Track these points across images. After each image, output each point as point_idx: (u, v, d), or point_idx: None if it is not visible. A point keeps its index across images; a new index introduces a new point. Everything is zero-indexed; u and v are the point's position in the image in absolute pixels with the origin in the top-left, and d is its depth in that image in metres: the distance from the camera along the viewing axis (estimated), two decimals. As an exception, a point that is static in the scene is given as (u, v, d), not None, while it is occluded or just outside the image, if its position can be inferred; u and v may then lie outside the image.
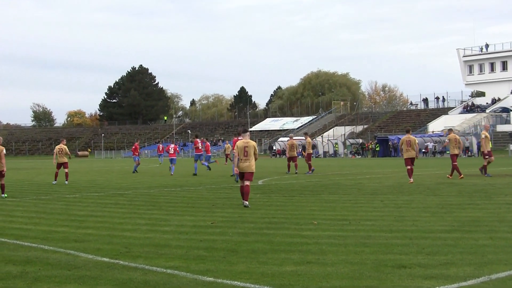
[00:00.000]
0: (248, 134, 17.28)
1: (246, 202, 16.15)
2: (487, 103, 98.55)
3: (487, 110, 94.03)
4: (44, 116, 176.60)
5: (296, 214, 14.31)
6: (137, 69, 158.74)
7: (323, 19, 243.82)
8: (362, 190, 20.87)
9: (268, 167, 42.73)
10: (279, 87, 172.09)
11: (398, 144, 74.75)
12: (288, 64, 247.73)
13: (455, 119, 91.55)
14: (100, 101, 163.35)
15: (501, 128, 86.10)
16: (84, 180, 31.19)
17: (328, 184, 24.48)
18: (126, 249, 9.94)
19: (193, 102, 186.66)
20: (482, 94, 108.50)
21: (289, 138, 36.66)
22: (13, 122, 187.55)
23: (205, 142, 37.05)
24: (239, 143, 16.80)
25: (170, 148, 36.44)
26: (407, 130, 25.81)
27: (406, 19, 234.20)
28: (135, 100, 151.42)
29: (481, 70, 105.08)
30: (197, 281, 7.67)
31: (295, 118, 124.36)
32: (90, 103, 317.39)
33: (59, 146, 28.13)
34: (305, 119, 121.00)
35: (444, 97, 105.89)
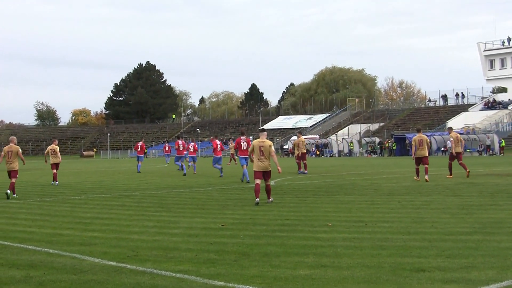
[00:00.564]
0: (265, 133, 17.98)
1: (270, 200, 17.42)
2: (509, 99, 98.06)
3: (509, 107, 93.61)
4: (48, 115, 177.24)
5: (310, 215, 14.29)
6: (144, 66, 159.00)
7: (338, 13, 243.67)
8: (379, 191, 20.83)
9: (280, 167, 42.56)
10: (292, 84, 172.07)
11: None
12: (301, 60, 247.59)
13: (476, 116, 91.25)
14: (106, 99, 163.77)
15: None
16: (89, 181, 31.29)
17: (343, 184, 24.44)
18: (134, 252, 9.96)
19: (202, 100, 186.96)
20: (504, 90, 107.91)
21: (296, 136, 36.73)
22: (16, 121, 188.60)
23: (191, 142, 37.64)
24: (255, 143, 17.50)
25: (191, 146, 36.84)
26: (418, 130, 26.75)
27: (424, 12, 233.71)
28: (142, 98, 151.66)
29: (502, 65, 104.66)
30: (207, 285, 7.68)
31: (308, 116, 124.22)
32: (96, 101, 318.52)
33: (51, 147, 28.77)
34: (318, 117, 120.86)
35: (464, 93, 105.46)
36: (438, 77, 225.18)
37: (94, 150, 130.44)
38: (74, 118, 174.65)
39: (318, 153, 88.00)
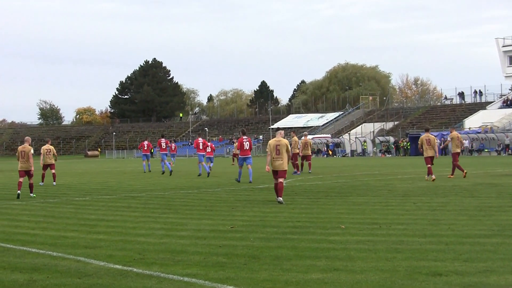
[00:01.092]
0: (281, 132, 18.66)
1: (280, 198, 17.67)
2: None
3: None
4: (51, 113, 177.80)
5: (322, 217, 14.29)
6: (150, 63, 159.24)
7: (350, 7, 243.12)
8: (393, 192, 20.80)
9: (290, 167, 42.58)
10: (303, 81, 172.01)
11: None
12: (312, 56, 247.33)
13: (494, 115, 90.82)
14: (111, 97, 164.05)
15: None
16: (94, 182, 31.37)
17: (356, 185, 24.41)
18: (140, 255, 9.97)
19: (210, 98, 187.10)
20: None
21: (303, 136, 36.83)
22: (18, 120, 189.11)
23: (171, 142, 38.27)
24: (272, 142, 18.09)
25: (208, 146, 37.21)
26: (426, 129, 27.78)
27: (441, 6, 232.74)
28: (149, 96, 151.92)
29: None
30: (216, 289, 7.69)
31: (320, 115, 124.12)
32: (100, 100, 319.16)
33: (46, 147, 29.37)
34: (330, 116, 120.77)
35: (481, 90, 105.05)
36: (454, 74, 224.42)
37: (99, 150, 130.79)
38: (78, 117, 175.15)
39: (330, 153, 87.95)
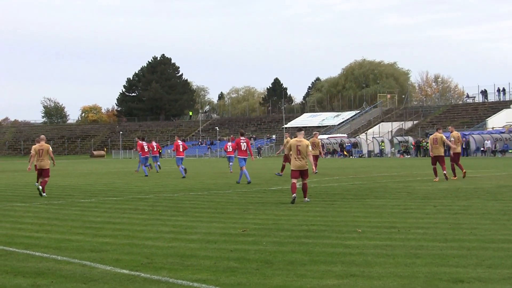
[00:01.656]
0: (302, 133, 19.39)
1: (306, 199, 18.79)
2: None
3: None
4: (56, 112, 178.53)
5: (338, 221, 14.27)
6: (158, 59, 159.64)
7: (367, 1, 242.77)
8: (413, 194, 20.75)
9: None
10: (318, 79, 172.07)
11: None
12: (327, 52, 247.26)
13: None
14: (117, 95, 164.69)
15: None
16: (100, 183, 31.45)
17: (373, 187, 24.37)
18: (148, 259, 9.99)
19: (221, 96, 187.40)
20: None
21: (313, 135, 36.94)
22: (21, 119, 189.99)
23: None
24: (292, 142, 18.90)
25: (228, 146, 38.60)
26: (437, 129, 28.48)
27: (462, 0, 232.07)
28: (157, 93, 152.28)
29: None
30: (227, 296, 7.70)
31: (336, 113, 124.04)
32: (107, 97, 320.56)
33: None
34: (347, 114, 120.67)
35: (505, 88, 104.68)
36: (477, 71, 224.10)
37: (105, 149, 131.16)
38: (83, 115, 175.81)
39: (345, 153, 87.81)
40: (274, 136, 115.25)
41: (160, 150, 47.93)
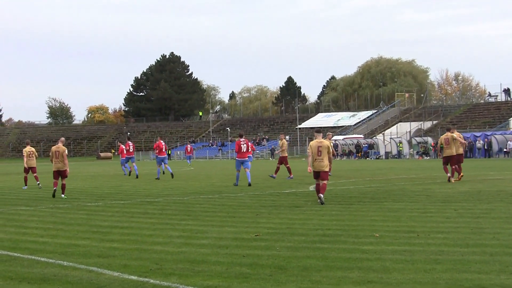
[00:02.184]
0: (321, 134, 20.06)
1: (321, 196, 19.18)
2: None
3: None
4: (61, 112, 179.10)
5: (354, 225, 14.26)
6: (167, 57, 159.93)
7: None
8: (432, 197, 20.70)
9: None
10: (333, 77, 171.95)
11: (476, 142, 74.00)
12: (343, 50, 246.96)
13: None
14: (125, 94, 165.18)
15: None
16: (107, 185, 31.53)
17: (391, 190, 24.33)
18: (157, 265, 10.01)
19: (232, 95, 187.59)
20: None
21: (326, 136, 37.06)
22: (26, 119, 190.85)
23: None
24: (313, 143, 19.44)
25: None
26: (448, 129, 29.09)
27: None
28: (166, 93, 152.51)
29: None
30: (239, 303, 7.70)
31: (352, 113, 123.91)
32: (114, 97, 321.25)
33: (28, 149, 30.24)
34: (363, 114, 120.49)
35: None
36: (499, 68, 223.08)
37: (112, 151, 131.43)
38: (90, 115, 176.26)
39: (359, 155, 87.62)
40: (288, 137, 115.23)
41: (169, 151, 48.24)
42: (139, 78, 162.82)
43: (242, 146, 28.58)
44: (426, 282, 8.50)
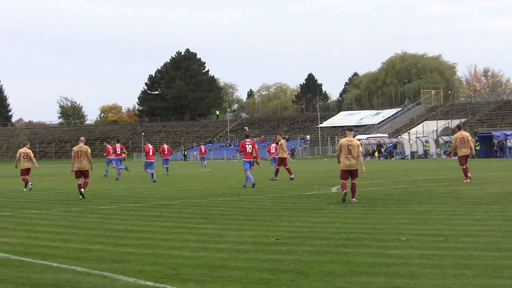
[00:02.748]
0: (352, 133, 20.99)
1: (354, 200, 20.17)
2: None
3: None
4: (73, 112, 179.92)
5: (379, 228, 14.23)
6: (183, 54, 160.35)
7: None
8: (461, 199, 20.63)
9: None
10: (355, 74, 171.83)
11: (500, 140, 73.58)
12: (365, 45, 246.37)
13: None
14: (139, 93, 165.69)
15: None
16: (121, 188, 31.61)
17: (418, 191, 24.26)
18: (174, 271, 10.03)
19: (250, 93, 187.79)
20: None
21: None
22: (36, 120, 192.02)
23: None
24: (343, 141, 20.36)
25: (272, 147, 41.41)
26: (459, 127, 29.87)
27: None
28: (181, 91, 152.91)
29: None
30: (260, 310, 7.71)
31: (376, 111, 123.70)
32: (127, 96, 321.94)
33: (23, 150, 30.70)
34: (387, 112, 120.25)
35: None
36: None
37: (126, 152, 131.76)
38: (102, 115, 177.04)
39: (376, 154, 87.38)
40: (308, 136, 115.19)
41: (185, 153, 48.76)
42: (154, 76, 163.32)
43: (247, 146, 29.21)
44: (455, 287, 8.47)
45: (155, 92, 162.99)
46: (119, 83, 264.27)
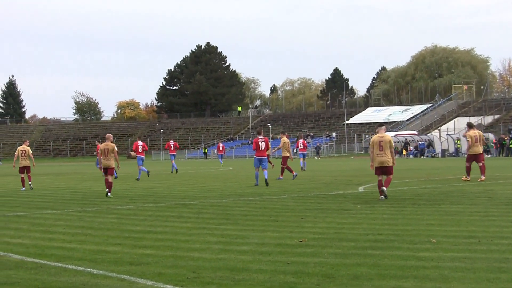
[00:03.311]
0: (383, 128, 21.58)
1: (382, 197, 20.59)
2: None
3: None
4: (88, 108, 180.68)
5: (408, 229, 14.19)
6: (203, 48, 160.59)
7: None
8: (495, 199, 20.52)
9: (368, 169, 42.51)
10: (383, 68, 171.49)
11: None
12: (394, 38, 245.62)
13: None
14: (157, 88, 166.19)
15: None
16: (139, 187, 31.69)
17: (449, 191, 24.17)
18: (194, 273, 10.04)
19: (274, 89, 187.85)
20: None
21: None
22: (51, 116, 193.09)
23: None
24: (375, 138, 20.92)
25: (300, 143, 43.62)
26: (470, 125, 30.10)
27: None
28: (201, 86, 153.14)
29: None
30: (284, 314, 7.70)
31: (405, 107, 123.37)
32: (145, 92, 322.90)
33: (22, 148, 31.00)
34: (417, 108, 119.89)
35: None
36: None
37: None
38: (119, 111, 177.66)
39: (404, 152, 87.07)
40: (334, 133, 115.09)
41: (206, 150, 49.02)
42: (173, 70, 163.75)
43: (260, 144, 29.60)
44: (489, 292, 8.45)
45: (174, 87, 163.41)
46: (137, 78, 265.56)
